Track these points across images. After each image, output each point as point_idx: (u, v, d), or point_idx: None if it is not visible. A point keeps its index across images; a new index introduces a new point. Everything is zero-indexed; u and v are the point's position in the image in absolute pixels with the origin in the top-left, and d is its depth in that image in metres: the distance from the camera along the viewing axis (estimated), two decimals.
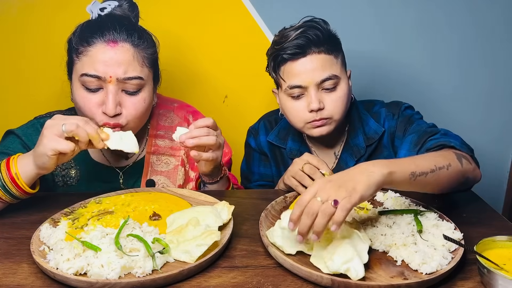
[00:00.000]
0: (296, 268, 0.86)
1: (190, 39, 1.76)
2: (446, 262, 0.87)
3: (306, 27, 1.28)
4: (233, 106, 1.86)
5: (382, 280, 0.84)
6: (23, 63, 1.77)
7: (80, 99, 1.18)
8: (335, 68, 1.29)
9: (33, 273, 0.87)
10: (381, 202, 1.16)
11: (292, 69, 1.28)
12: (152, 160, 1.36)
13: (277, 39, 1.32)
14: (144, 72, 1.21)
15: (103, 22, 1.20)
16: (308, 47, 1.26)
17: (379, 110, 1.43)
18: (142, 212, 1.07)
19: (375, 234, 0.96)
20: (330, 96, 1.30)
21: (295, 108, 1.32)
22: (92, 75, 1.15)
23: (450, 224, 1.00)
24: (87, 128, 1.00)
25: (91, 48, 1.17)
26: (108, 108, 1.15)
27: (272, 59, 1.33)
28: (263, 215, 1.05)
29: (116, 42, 1.17)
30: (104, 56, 1.15)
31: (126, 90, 1.19)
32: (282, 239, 0.93)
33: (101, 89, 1.17)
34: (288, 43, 1.27)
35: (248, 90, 1.85)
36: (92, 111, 1.17)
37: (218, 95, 1.86)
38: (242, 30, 1.78)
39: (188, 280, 0.85)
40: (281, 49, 1.29)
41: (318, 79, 1.27)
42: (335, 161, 1.45)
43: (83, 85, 1.17)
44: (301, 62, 1.27)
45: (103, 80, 1.15)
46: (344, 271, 0.82)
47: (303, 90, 1.29)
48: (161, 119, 1.40)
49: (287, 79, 1.30)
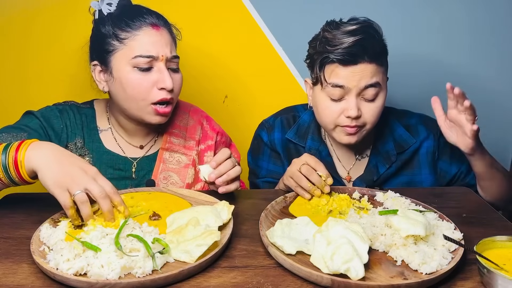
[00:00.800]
0: (296, 268, 0.86)
1: (190, 39, 1.76)
2: (446, 262, 0.87)
3: (363, 35, 1.23)
4: (233, 106, 1.86)
5: (382, 280, 0.84)
6: (25, 63, 1.77)
7: (135, 80, 1.25)
8: (380, 77, 1.27)
9: (33, 273, 0.87)
10: (381, 202, 1.16)
11: (337, 72, 1.25)
12: (165, 156, 1.39)
13: (330, 37, 1.26)
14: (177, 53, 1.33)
15: (137, 9, 1.30)
16: (362, 57, 1.23)
17: (416, 126, 1.43)
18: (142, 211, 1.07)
19: (375, 234, 0.96)
20: (369, 105, 1.28)
21: (331, 109, 1.29)
22: (146, 55, 1.24)
23: (450, 224, 1.00)
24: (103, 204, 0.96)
25: (137, 32, 1.25)
26: (167, 82, 1.25)
27: (319, 56, 1.28)
28: (263, 215, 1.06)
29: (158, 26, 1.27)
30: (151, 38, 1.25)
31: (171, 68, 1.29)
32: (282, 239, 0.92)
33: (152, 69, 1.25)
34: (341, 49, 1.23)
35: (248, 90, 1.85)
36: (147, 90, 1.25)
37: (218, 95, 1.86)
38: (242, 30, 1.78)
39: (188, 280, 0.85)
40: (331, 51, 1.24)
41: (362, 84, 1.24)
42: (355, 162, 1.43)
43: (136, 67, 1.24)
44: (349, 69, 1.24)
45: (155, 59, 1.25)
46: (344, 271, 0.82)
47: (344, 93, 1.26)
48: (177, 118, 1.45)
49: (330, 80, 1.26)
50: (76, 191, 0.95)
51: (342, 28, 1.26)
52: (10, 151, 1.01)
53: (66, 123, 1.34)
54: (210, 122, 1.49)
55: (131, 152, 1.39)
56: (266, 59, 1.81)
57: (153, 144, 1.41)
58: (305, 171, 1.17)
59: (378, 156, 1.41)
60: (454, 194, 1.25)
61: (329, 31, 1.27)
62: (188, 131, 1.44)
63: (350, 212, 1.08)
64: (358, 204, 1.15)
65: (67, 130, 1.33)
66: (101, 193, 0.96)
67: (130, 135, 1.39)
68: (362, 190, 1.22)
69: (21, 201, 1.15)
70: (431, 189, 1.30)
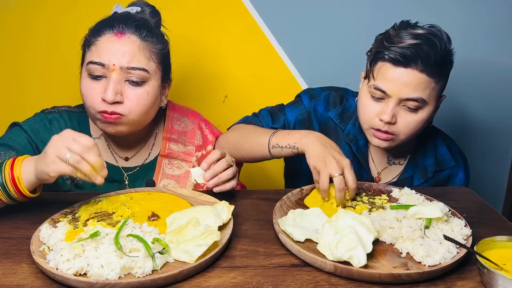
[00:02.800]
0: (302, 254, 0.90)
1: (189, 39, 1.76)
2: (451, 256, 0.88)
3: (424, 40, 1.19)
4: (233, 106, 1.86)
5: (384, 269, 0.86)
6: (24, 61, 1.77)
7: (85, 87, 1.20)
8: (428, 92, 1.21)
9: (33, 273, 0.87)
10: (396, 198, 1.17)
11: (386, 71, 1.22)
12: (164, 164, 1.36)
13: (393, 35, 1.23)
14: (150, 65, 1.22)
15: (116, 17, 1.25)
16: (413, 61, 1.18)
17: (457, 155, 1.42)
18: (141, 212, 1.07)
19: (383, 226, 0.99)
20: (407, 116, 1.24)
21: (369, 107, 1.26)
22: (96, 62, 1.18)
23: (461, 221, 1.01)
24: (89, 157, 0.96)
25: (100, 38, 1.20)
26: (107, 94, 1.16)
27: (375, 50, 1.26)
28: (278, 205, 1.09)
29: (123, 33, 1.20)
30: (110, 45, 1.19)
31: (130, 80, 1.20)
32: (293, 228, 0.96)
33: (105, 78, 1.19)
34: (396, 47, 1.19)
35: (248, 90, 1.85)
36: (93, 98, 1.19)
37: (218, 95, 1.86)
38: (242, 30, 1.78)
39: (188, 280, 0.85)
40: (387, 48, 1.21)
41: (403, 96, 1.20)
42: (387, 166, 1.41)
43: (89, 74, 1.20)
44: (398, 71, 1.20)
45: (107, 68, 1.18)
46: (347, 258, 0.85)
47: (385, 96, 1.23)
48: (175, 122, 1.41)
49: (377, 78, 1.24)
50: (66, 155, 0.94)
51: (409, 29, 1.22)
52: (5, 169, 1.01)
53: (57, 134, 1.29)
54: (209, 126, 1.46)
55: (126, 162, 1.34)
56: (266, 59, 1.81)
57: (150, 151, 1.37)
58: (338, 184, 1.08)
59: (415, 168, 1.39)
60: (454, 194, 1.25)
61: (395, 29, 1.25)
62: (188, 135, 1.41)
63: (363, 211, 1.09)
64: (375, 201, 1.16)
65: None
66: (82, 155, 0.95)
67: (118, 145, 1.34)
68: (378, 186, 1.24)
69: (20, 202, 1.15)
70: (431, 189, 1.30)
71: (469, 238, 0.96)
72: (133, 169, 1.35)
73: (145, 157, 1.37)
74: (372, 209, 1.11)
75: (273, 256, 0.93)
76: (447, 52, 1.23)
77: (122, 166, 1.34)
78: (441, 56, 1.21)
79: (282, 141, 1.25)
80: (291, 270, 0.89)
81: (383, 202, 1.15)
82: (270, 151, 1.27)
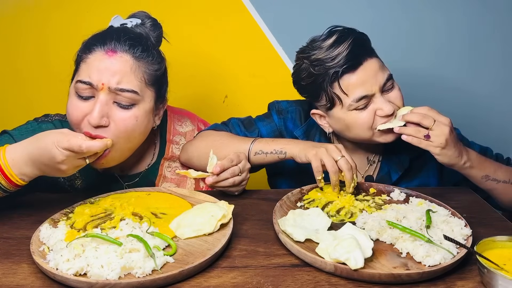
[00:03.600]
0: (302, 254, 0.90)
1: (190, 39, 1.77)
2: (451, 256, 0.88)
3: (348, 37, 1.23)
4: (233, 106, 1.86)
5: (384, 270, 0.85)
6: (20, 63, 1.77)
7: (71, 106, 1.14)
8: (386, 67, 1.27)
9: (33, 273, 0.87)
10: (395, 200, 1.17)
11: (352, 81, 1.22)
12: (165, 166, 1.34)
13: (323, 57, 1.24)
14: (141, 87, 1.15)
15: (109, 32, 1.18)
16: (362, 56, 1.23)
17: None
18: (142, 212, 1.07)
19: (383, 227, 0.98)
20: (389, 96, 1.26)
21: (362, 118, 1.25)
22: (85, 81, 1.11)
23: (461, 221, 1.01)
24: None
25: (90, 55, 1.13)
26: (92, 116, 1.09)
27: (325, 78, 1.24)
28: (278, 205, 1.09)
29: (115, 52, 1.13)
30: (100, 64, 1.12)
31: (119, 103, 1.12)
32: (293, 228, 0.96)
33: (93, 98, 1.12)
34: (340, 60, 1.21)
35: (248, 90, 1.85)
36: (78, 120, 1.12)
37: (218, 95, 1.86)
38: (242, 30, 1.78)
39: (188, 280, 0.85)
40: (333, 66, 1.22)
41: (381, 82, 1.23)
42: (368, 166, 1.41)
43: (77, 92, 1.13)
44: (360, 73, 1.22)
45: (95, 87, 1.10)
46: (344, 259, 0.85)
47: (369, 100, 1.23)
48: (176, 123, 1.39)
49: (350, 93, 1.23)
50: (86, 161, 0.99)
51: (325, 42, 1.24)
52: None
53: None
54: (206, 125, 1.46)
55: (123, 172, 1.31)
56: (266, 59, 1.82)
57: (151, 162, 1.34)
58: (344, 165, 1.13)
59: (389, 162, 1.39)
60: (454, 194, 1.25)
61: (315, 53, 1.25)
62: (187, 136, 1.40)
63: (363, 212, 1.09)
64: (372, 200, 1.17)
65: None
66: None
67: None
68: (378, 186, 1.24)
69: (21, 201, 1.15)
70: (432, 189, 1.30)
71: (469, 238, 0.95)
72: (134, 178, 1.32)
73: (145, 167, 1.34)
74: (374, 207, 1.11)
75: (273, 256, 0.93)
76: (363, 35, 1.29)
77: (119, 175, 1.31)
78: (365, 38, 1.28)
79: (266, 147, 1.25)
80: (291, 270, 0.89)
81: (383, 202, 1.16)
82: (250, 158, 1.26)
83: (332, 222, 1.03)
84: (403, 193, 1.19)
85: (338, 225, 1.02)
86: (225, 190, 1.20)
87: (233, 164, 1.17)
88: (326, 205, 1.13)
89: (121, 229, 0.93)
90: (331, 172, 1.13)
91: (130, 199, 1.12)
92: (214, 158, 1.17)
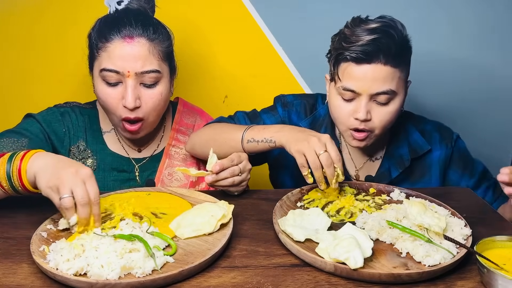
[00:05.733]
0: (302, 254, 0.90)
1: (190, 39, 1.76)
2: (451, 256, 0.88)
3: (381, 34, 1.19)
4: (233, 106, 1.86)
5: (384, 269, 0.86)
6: (28, 62, 1.77)
7: (102, 94, 1.24)
8: (395, 82, 1.22)
9: (33, 273, 0.87)
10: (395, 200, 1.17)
11: (351, 71, 1.21)
12: (171, 152, 1.40)
13: (349, 34, 1.22)
14: (160, 65, 1.25)
15: (120, 18, 1.25)
16: (376, 56, 1.18)
17: (431, 133, 1.40)
18: (142, 212, 1.07)
19: (383, 226, 0.99)
20: (380, 109, 1.24)
21: (342, 108, 1.26)
22: (111, 69, 1.20)
23: (461, 221, 1.01)
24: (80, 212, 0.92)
25: (109, 44, 1.21)
26: (128, 101, 1.20)
27: (335, 52, 1.25)
28: (278, 205, 1.09)
29: (133, 38, 1.21)
30: (121, 51, 1.20)
31: (144, 83, 1.23)
32: (293, 228, 0.96)
33: (121, 83, 1.22)
34: (356, 47, 1.19)
35: (248, 90, 1.85)
36: (114, 106, 1.23)
37: (218, 95, 1.86)
38: (242, 30, 1.78)
39: (188, 280, 0.85)
40: (347, 48, 1.21)
41: (373, 91, 1.20)
42: (367, 161, 1.41)
43: (104, 80, 1.22)
44: (363, 69, 1.20)
45: (122, 74, 1.20)
46: (344, 259, 0.84)
47: (355, 95, 1.23)
48: (184, 116, 1.45)
49: (343, 80, 1.23)
50: (64, 195, 0.90)
51: (363, 25, 1.22)
52: (15, 160, 0.99)
53: (68, 126, 1.33)
54: None
55: (136, 153, 1.38)
56: (266, 59, 1.81)
57: (159, 143, 1.41)
58: (325, 160, 1.09)
59: (391, 159, 1.39)
60: (454, 194, 1.25)
61: (350, 28, 1.24)
62: (195, 129, 1.44)
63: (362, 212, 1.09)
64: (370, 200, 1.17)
65: (69, 133, 1.33)
66: (82, 198, 0.91)
67: (129, 140, 1.38)
68: (378, 186, 1.23)
69: (21, 201, 1.14)
70: (432, 189, 1.30)
71: (469, 238, 0.96)
72: (143, 159, 1.38)
73: (154, 149, 1.40)
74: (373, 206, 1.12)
75: (273, 256, 0.93)
76: (404, 40, 1.24)
77: (132, 157, 1.38)
78: (401, 45, 1.21)
79: (257, 136, 1.24)
80: (291, 270, 0.89)
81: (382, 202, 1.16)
82: (243, 146, 1.26)
83: (332, 222, 1.03)
84: (403, 193, 1.19)
85: (338, 225, 1.03)
86: (224, 189, 1.20)
87: (233, 164, 1.17)
88: (326, 205, 1.13)
89: (121, 229, 0.94)
90: (313, 168, 1.10)
91: (130, 199, 1.12)
92: (214, 156, 1.17)
